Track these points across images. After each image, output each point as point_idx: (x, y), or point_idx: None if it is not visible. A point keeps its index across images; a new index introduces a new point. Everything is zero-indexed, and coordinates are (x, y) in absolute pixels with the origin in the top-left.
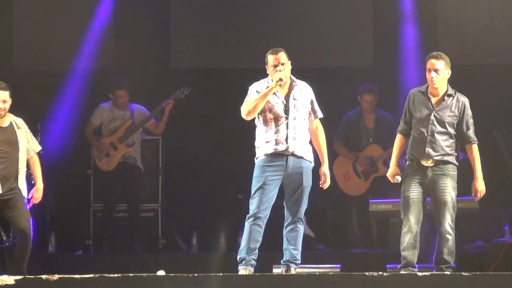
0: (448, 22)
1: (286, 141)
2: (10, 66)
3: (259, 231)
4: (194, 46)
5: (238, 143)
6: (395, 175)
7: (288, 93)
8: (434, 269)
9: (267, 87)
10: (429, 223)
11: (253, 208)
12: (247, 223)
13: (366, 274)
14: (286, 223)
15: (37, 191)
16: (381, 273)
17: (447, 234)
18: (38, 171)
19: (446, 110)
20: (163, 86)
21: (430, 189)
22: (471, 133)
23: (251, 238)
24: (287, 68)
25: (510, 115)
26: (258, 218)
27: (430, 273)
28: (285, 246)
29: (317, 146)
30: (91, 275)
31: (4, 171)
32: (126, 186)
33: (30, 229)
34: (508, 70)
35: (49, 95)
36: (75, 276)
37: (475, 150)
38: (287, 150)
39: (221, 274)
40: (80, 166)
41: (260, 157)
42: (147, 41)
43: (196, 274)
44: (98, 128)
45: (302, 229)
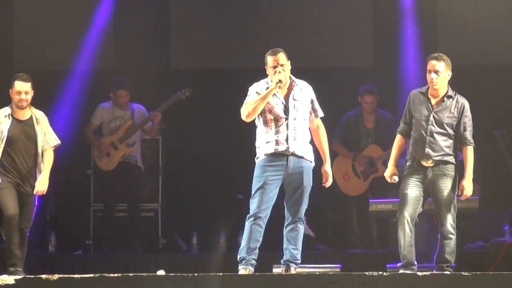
0: (448, 22)
1: (286, 141)
2: (10, 66)
3: (260, 231)
4: (194, 46)
5: (238, 143)
6: (393, 175)
7: (287, 93)
8: (434, 268)
9: (267, 88)
10: (428, 223)
11: (253, 208)
12: (248, 223)
13: (366, 274)
14: (286, 223)
15: (39, 183)
16: (381, 273)
17: (450, 234)
18: (46, 164)
19: (446, 111)
20: (163, 86)
21: (430, 189)
22: (468, 134)
23: (251, 238)
24: (287, 69)
25: (510, 115)
26: (258, 218)
27: (430, 272)
28: (285, 245)
29: (318, 145)
30: (91, 275)
31: (21, 165)
32: (126, 186)
33: (29, 226)
34: (508, 70)
35: (49, 95)
36: (75, 276)
37: (470, 152)
38: (288, 150)
39: (221, 274)
40: (80, 166)
41: (260, 157)
42: (147, 41)
43: (196, 274)
44: (98, 128)
45: (302, 229)
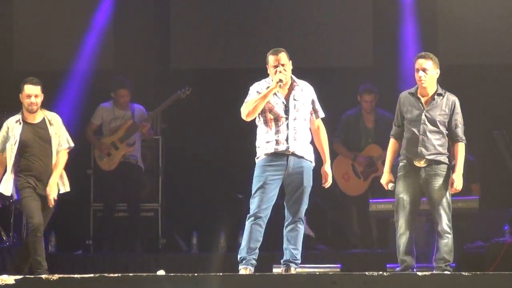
0: (448, 22)
1: (286, 141)
2: (10, 66)
3: (260, 231)
4: (194, 46)
5: (238, 143)
6: (389, 183)
7: (288, 93)
8: (433, 268)
9: (268, 87)
10: (428, 223)
11: (253, 207)
12: (248, 223)
13: (366, 274)
14: (286, 223)
15: (49, 190)
16: (381, 272)
17: (446, 233)
18: (57, 167)
19: (437, 109)
20: (163, 86)
21: (424, 189)
22: (460, 131)
23: (252, 238)
24: (288, 68)
25: (510, 115)
26: (258, 217)
27: (430, 273)
28: (285, 245)
29: (319, 145)
30: (91, 275)
31: (39, 168)
32: (126, 186)
33: (41, 228)
34: (508, 70)
35: (49, 95)
36: (75, 276)
37: (461, 148)
38: (288, 150)
39: (221, 274)
40: (80, 166)
41: (260, 156)
42: (147, 41)
43: (196, 274)
44: (99, 128)
45: (302, 229)
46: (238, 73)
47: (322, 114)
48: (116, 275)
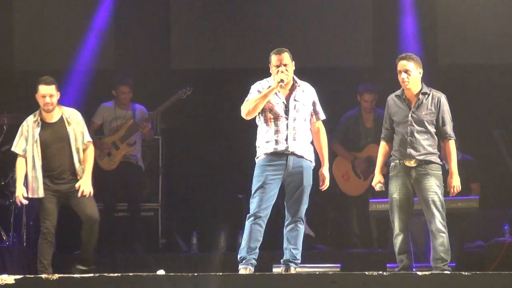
0: (448, 22)
1: (286, 141)
2: (10, 66)
3: (260, 231)
4: (195, 46)
5: (238, 143)
6: (378, 184)
7: (289, 94)
8: (432, 268)
9: (269, 87)
10: (427, 223)
11: (253, 207)
12: (248, 223)
13: (366, 273)
14: (286, 223)
15: (82, 185)
16: (381, 272)
17: (440, 232)
18: (86, 164)
19: (423, 109)
20: (163, 86)
21: (416, 189)
22: (448, 128)
23: (252, 238)
24: (290, 69)
25: (510, 115)
26: (258, 217)
27: (430, 272)
28: (285, 245)
29: (318, 147)
30: (91, 275)
31: (58, 167)
32: (127, 186)
33: (97, 214)
34: (508, 70)
35: None
36: (75, 275)
37: (451, 145)
38: (287, 150)
39: (221, 274)
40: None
41: (260, 156)
42: (147, 41)
43: (196, 274)
44: (100, 127)
45: (302, 228)
46: (238, 73)
47: (323, 116)
48: (116, 275)
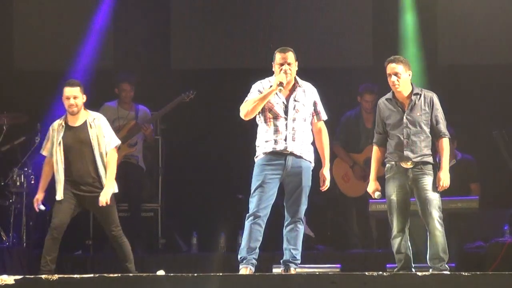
0: (448, 22)
1: (285, 141)
2: (10, 66)
3: (259, 230)
4: (195, 46)
5: (238, 143)
6: (375, 192)
7: (289, 94)
8: (430, 268)
9: (270, 86)
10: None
11: (252, 207)
12: (247, 222)
13: (366, 274)
14: (286, 223)
15: (103, 194)
16: (381, 273)
17: (437, 231)
18: (108, 170)
19: (417, 110)
20: (164, 86)
21: (413, 189)
22: (442, 127)
23: (251, 238)
24: (293, 68)
25: (510, 115)
26: (257, 217)
27: (429, 272)
28: (285, 246)
29: (319, 148)
30: (91, 275)
31: (79, 171)
32: (127, 186)
33: (118, 229)
34: (508, 70)
35: (49, 95)
36: (75, 276)
37: (445, 143)
38: (286, 149)
39: (221, 274)
40: None
41: (259, 156)
42: (147, 41)
43: (196, 274)
44: None
45: (302, 229)
46: (238, 73)
47: (324, 116)
48: (115, 275)
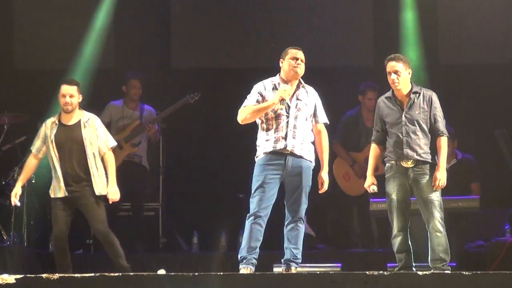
0: (448, 22)
1: (285, 139)
2: (10, 66)
3: (260, 230)
4: (195, 45)
5: (238, 143)
6: (371, 186)
7: (293, 92)
8: (431, 268)
9: (273, 88)
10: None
11: (253, 207)
12: (248, 222)
13: (367, 273)
14: (286, 222)
15: (110, 194)
16: (381, 272)
17: (438, 232)
18: (110, 171)
19: (416, 108)
20: (164, 86)
21: (414, 189)
22: (440, 125)
23: (252, 237)
24: (302, 67)
25: (510, 115)
26: (258, 217)
27: (430, 272)
28: (285, 245)
29: (319, 150)
30: (92, 274)
31: (68, 170)
32: (130, 185)
33: (105, 226)
34: (508, 70)
35: (49, 95)
36: (76, 275)
37: (443, 142)
38: (286, 148)
39: (221, 273)
40: None
41: (259, 155)
42: (148, 40)
43: (196, 273)
44: (107, 125)
45: (302, 228)
46: (239, 72)
47: (324, 119)
48: (116, 275)
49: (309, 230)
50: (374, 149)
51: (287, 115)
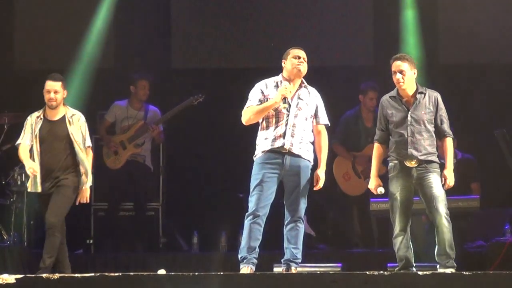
0: (448, 21)
1: (283, 137)
2: (10, 66)
3: (259, 229)
4: (195, 45)
5: (238, 142)
6: (378, 188)
7: (294, 91)
8: (437, 264)
9: (275, 86)
10: (427, 223)
11: (251, 206)
12: (247, 222)
13: (367, 273)
14: (286, 222)
15: (86, 191)
16: (382, 272)
17: (444, 228)
18: (88, 168)
19: (421, 108)
20: (164, 85)
21: (418, 188)
22: (446, 126)
23: (251, 237)
24: (305, 66)
25: (510, 115)
26: (257, 216)
27: (430, 272)
28: (285, 245)
29: (317, 150)
30: (92, 274)
31: (48, 164)
32: (133, 185)
33: (58, 221)
34: (508, 69)
35: None
36: (76, 275)
37: (449, 143)
38: (283, 147)
39: (221, 273)
40: None
41: (258, 154)
42: (148, 40)
43: (197, 273)
44: (112, 125)
45: (302, 228)
46: (239, 72)
47: (325, 120)
48: (116, 274)
49: (309, 230)
50: (377, 148)
51: (287, 114)
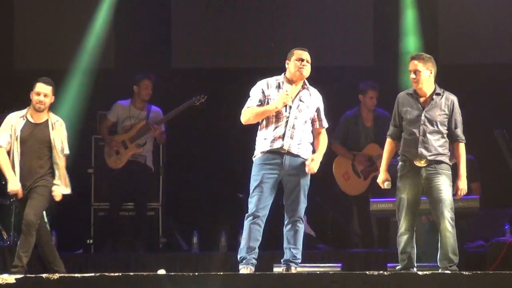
0: (448, 22)
1: (282, 138)
2: (10, 66)
3: (259, 230)
4: (195, 45)
5: (238, 142)
6: (385, 182)
7: (296, 93)
8: (439, 268)
9: (277, 86)
10: (428, 223)
11: (251, 207)
12: (246, 222)
13: (367, 273)
14: (286, 222)
15: (62, 190)
16: (381, 272)
17: (448, 232)
18: (64, 173)
19: (436, 109)
20: (164, 85)
21: (426, 188)
22: (459, 131)
23: (251, 237)
24: (308, 68)
25: (510, 115)
26: (257, 217)
27: (430, 272)
28: (285, 245)
29: (316, 146)
30: (92, 274)
31: (28, 167)
32: (134, 185)
33: (36, 220)
34: (508, 70)
35: None
36: (76, 275)
37: (462, 148)
38: (282, 148)
39: (221, 273)
40: (81, 165)
41: (257, 155)
42: (148, 40)
43: (196, 273)
44: (114, 124)
45: (302, 228)
46: (239, 72)
47: (325, 124)
48: (116, 274)
49: (309, 230)
50: (389, 144)
51: (288, 115)
